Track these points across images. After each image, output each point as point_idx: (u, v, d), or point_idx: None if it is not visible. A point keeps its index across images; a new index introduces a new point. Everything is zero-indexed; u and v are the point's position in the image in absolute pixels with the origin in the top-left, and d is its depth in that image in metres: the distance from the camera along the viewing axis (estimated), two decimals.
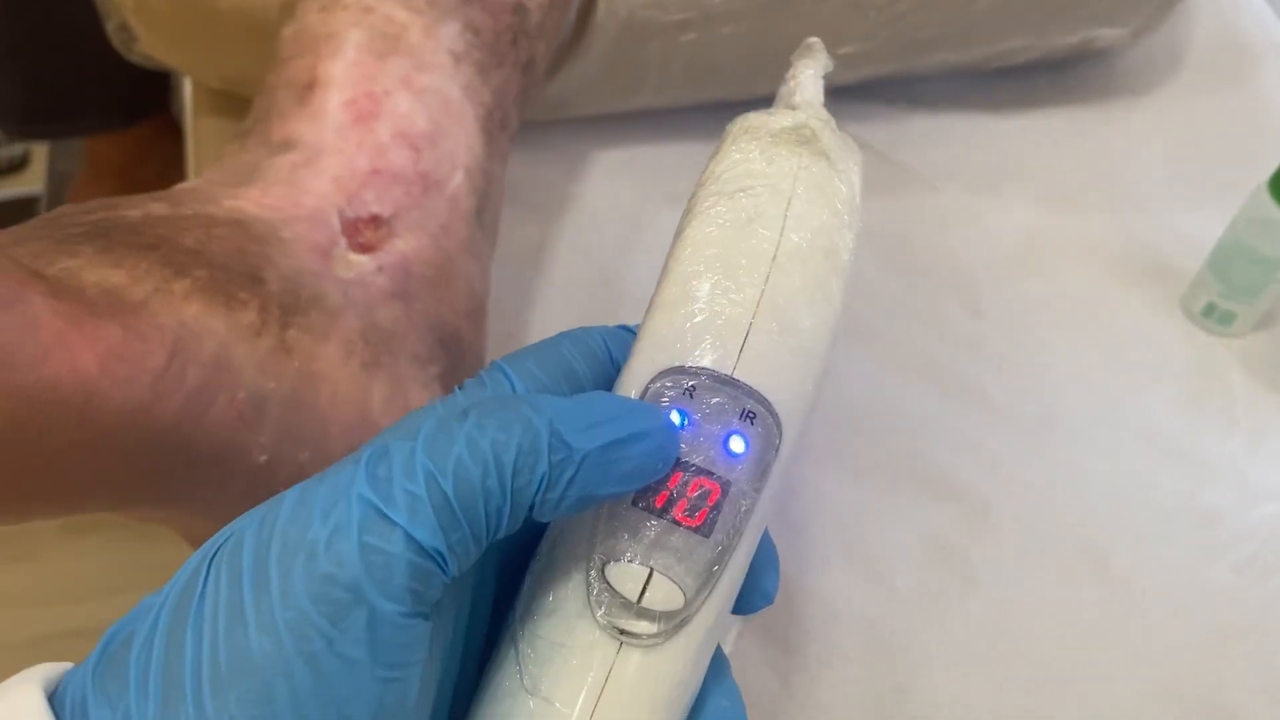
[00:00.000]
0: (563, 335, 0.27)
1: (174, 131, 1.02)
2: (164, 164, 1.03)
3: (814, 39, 0.30)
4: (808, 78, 0.29)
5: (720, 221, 0.26)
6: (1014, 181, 0.64)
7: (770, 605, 0.28)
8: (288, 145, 0.38)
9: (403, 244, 0.38)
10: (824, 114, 0.28)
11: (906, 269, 0.60)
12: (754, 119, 0.28)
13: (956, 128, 0.66)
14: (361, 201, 0.38)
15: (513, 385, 0.25)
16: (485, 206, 0.42)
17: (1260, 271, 0.53)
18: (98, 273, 0.30)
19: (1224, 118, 0.67)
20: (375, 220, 0.38)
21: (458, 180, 0.40)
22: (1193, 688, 0.47)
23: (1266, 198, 0.51)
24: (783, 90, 0.29)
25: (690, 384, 0.25)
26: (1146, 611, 0.49)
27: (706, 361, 0.25)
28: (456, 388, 0.26)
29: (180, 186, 0.38)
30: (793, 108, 0.28)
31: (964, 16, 0.59)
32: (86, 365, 0.28)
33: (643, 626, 0.24)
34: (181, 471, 0.31)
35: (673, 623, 0.24)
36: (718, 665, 0.27)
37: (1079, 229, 0.62)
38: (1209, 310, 0.56)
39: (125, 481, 0.30)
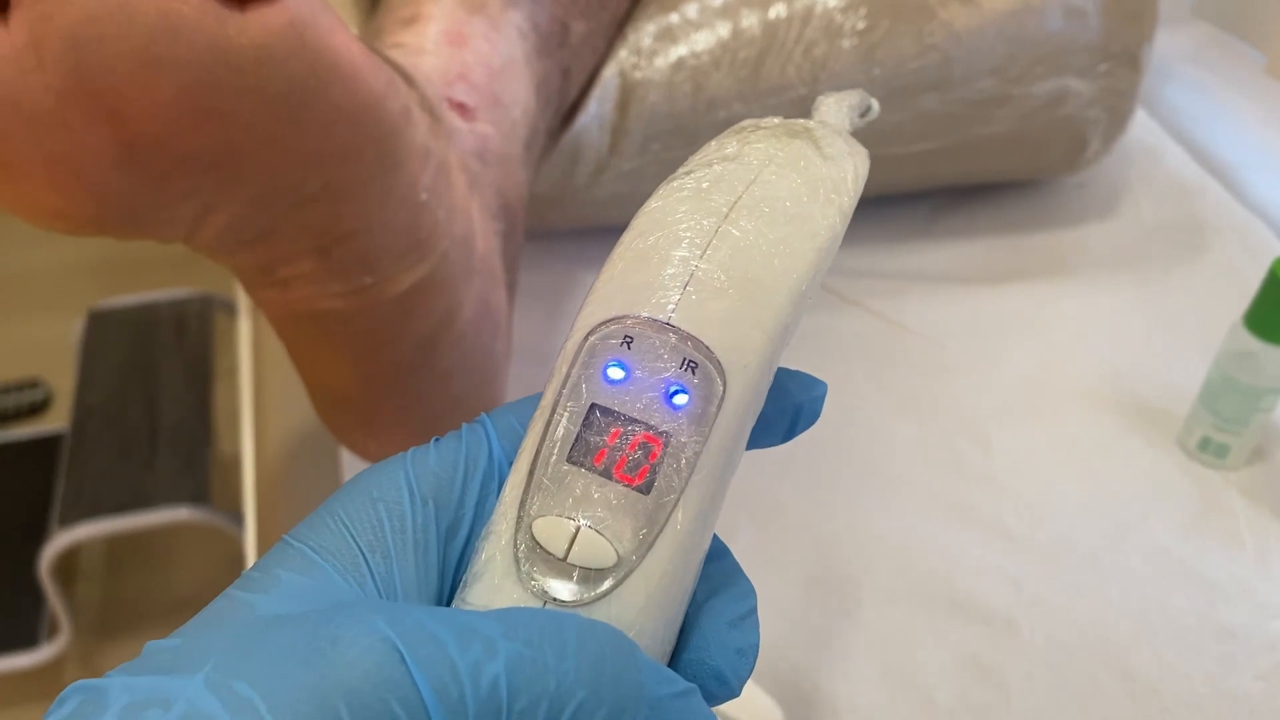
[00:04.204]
0: None
1: None
2: None
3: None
4: (832, 102, 0.29)
5: (678, 193, 0.25)
6: (1009, 338, 0.69)
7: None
8: (395, 46, 0.49)
9: (481, 128, 0.49)
10: (835, 126, 0.28)
11: (918, 414, 0.64)
12: (749, 120, 0.28)
13: (955, 295, 0.72)
14: (452, 91, 0.48)
15: (490, 441, 0.25)
16: (531, 144, 0.53)
17: (1247, 401, 0.58)
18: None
19: (1193, 284, 0.73)
20: (462, 106, 0.48)
21: (517, 113, 0.51)
22: None
23: (1244, 332, 0.57)
24: None
25: (628, 334, 0.23)
26: (1179, 719, 0.50)
27: (645, 311, 0.23)
28: (434, 439, 0.25)
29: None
30: None
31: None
32: (355, 50, 0.37)
33: (570, 589, 0.22)
34: (388, 174, 0.40)
35: (602, 582, 0.22)
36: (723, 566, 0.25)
37: (1072, 378, 0.66)
38: (1204, 444, 0.60)
39: (358, 155, 0.38)
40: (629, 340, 0.23)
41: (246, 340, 0.74)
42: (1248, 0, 0.81)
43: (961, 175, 0.76)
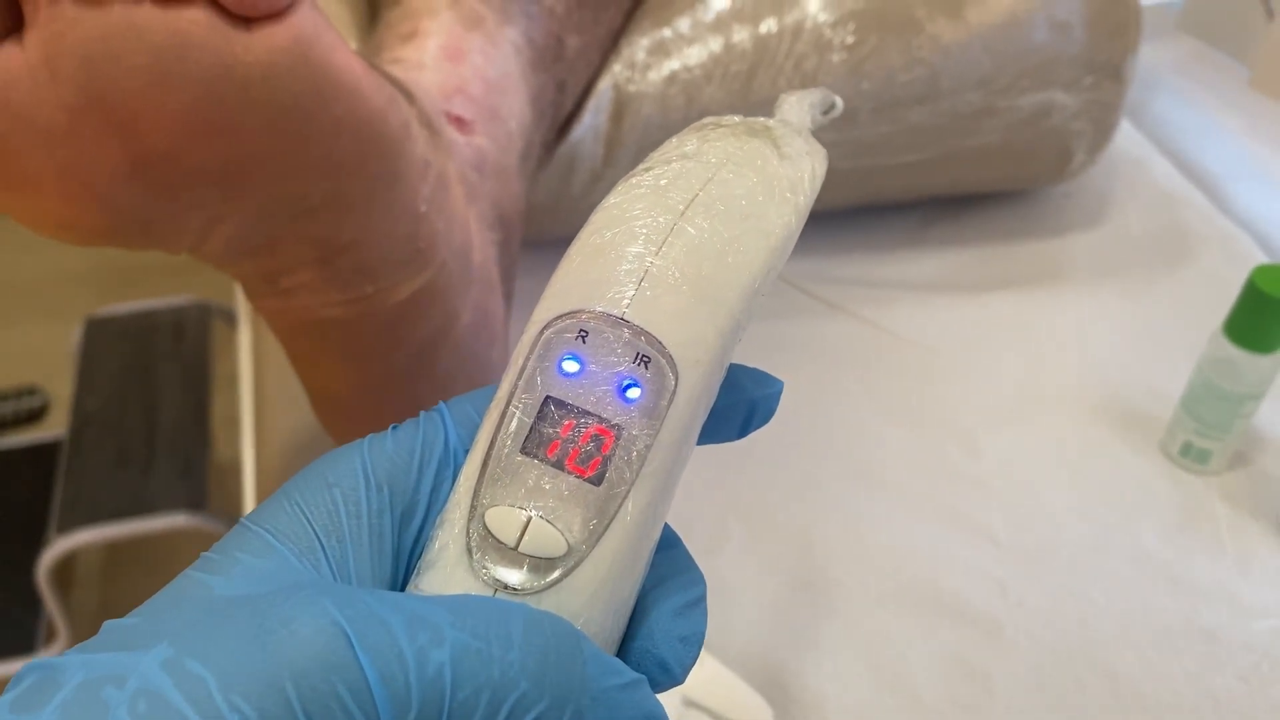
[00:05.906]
0: None
1: None
2: None
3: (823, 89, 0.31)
4: (794, 100, 0.29)
5: (635, 190, 0.26)
6: (997, 345, 0.70)
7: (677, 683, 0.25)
8: (395, 61, 0.50)
9: (479, 141, 0.49)
10: (797, 126, 0.28)
11: (907, 420, 0.65)
12: (709, 118, 0.28)
13: (944, 303, 0.73)
14: (450, 104, 0.49)
15: (447, 429, 0.26)
16: (527, 156, 0.54)
17: (1228, 408, 0.59)
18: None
19: (1177, 293, 0.75)
20: (460, 120, 0.49)
21: (513, 126, 0.52)
22: None
23: (1224, 339, 0.58)
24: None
25: (583, 328, 0.24)
26: (1161, 718, 0.52)
27: (600, 305, 0.24)
28: (392, 427, 0.26)
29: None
30: None
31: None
32: (357, 67, 0.37)
33: (520, 577, 0.23)
34: (389, 186, 0.40)
35: (552, 572, 0.23)
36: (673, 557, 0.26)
37: (1059, 384, 0.68)
38: (1186, 449, 0.62)
39: (360, 167, 0.39)
40: (584, 334, 0.24)
41: (247, 348, 0.75)
42: (1232, 15, 0.83)
43: (949, 185, 0.77)
